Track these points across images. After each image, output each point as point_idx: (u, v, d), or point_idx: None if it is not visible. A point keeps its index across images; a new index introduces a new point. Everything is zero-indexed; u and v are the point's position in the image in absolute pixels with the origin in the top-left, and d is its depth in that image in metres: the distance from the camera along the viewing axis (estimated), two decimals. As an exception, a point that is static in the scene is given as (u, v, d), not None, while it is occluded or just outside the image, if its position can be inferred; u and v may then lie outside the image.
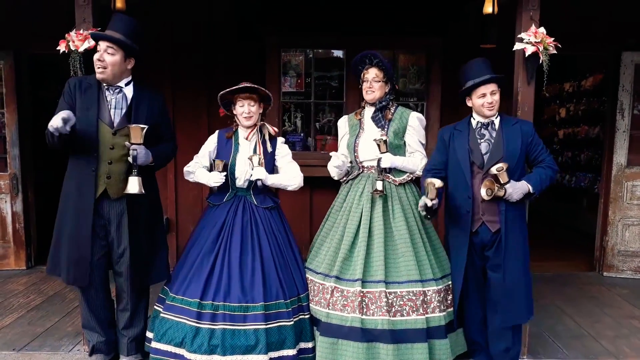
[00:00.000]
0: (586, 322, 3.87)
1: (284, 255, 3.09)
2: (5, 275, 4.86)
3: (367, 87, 3.15)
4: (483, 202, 2.88)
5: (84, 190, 2.87)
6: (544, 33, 2.99)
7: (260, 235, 3.06)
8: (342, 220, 3.14)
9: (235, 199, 3.13)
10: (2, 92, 4.87)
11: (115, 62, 2.85)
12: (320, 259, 3.15)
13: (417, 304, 2.90)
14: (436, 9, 4.76)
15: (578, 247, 5.94)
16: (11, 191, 4.95)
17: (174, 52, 4.85)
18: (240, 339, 2.81)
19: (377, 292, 2.90)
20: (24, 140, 4.97)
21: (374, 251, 2.99)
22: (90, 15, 3.09)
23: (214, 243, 3.02)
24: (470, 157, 2.93)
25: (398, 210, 3.08)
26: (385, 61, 3.15)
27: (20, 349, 3.35)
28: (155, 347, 2.91)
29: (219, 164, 3.08)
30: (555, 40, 3.00)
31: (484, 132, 2.96)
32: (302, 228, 4.79)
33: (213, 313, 2.84)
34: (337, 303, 2.94)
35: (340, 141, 3.39)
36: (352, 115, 3.34)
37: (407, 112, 3.22)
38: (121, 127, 2.87)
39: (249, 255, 3.00)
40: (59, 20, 3.33)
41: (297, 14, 4.73)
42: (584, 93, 7.32)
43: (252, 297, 2.88)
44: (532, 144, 2.94)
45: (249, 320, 2.84)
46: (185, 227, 4.90)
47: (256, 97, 3.12)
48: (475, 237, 2.95)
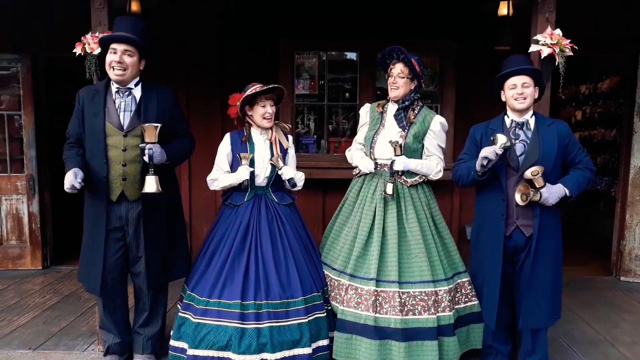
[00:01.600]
0: (603, 327, 3.82)
1: (307, 250, 3.15)
2: (21, 275, 4.92)
3: (392, 83, 3.11)
4: (518, 206, 2.81)
5: (96, 198, 2.91)
6: (560, 35, 2.96)
7: (287, 231, 3.09)
8: (356, 218, 3.14)
9: (256, 198, 3.13)
10: (19, 94, 4.94)
11: (134, 64, 2.88)
12: (335, 254, 3.18)
13: (428, 303, 2.93)
14: (450, 11, 4.73)
15: (594, 251, 5.86)
16: (28, 192, 5.01)
17: (188, 55, 4.88)
18: (287, 334, 2.86)
19: (391, 292, 2.92)
20: (41, 142, 5.03)
21: (388, 251, 3.00)
22: (106, 18, 3.11)
23: (242, 243, 3.02)
24: (506, 158, 2.85)
25: (411, 210, 3.07)
26: (413, 57, 3.08)
27: (36, 348, 3.39)
28: (194, 354, 2.84)
29: (246, 157, 3.05)
30: (572, 42, 2.97)
31: (518, 132, 2.87)
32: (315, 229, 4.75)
33: (257, 312, 2.86)
34: (351, 300, 2.97)
35: (359, 128, 3.36)
36: (375, 105, 3.28)
37: (431, 115, 3.16)
38: (131, 129, 2.88)
39: (281, 252, 3.03)
40: (75, 23, 3.37)
41: (311, 16, 4.73)
42: (600, 95, 7.22)
43: (292, 293, 2.93)
44: (568, 145, 2.86)
45: (292, 316, 2.90)
46: (199, 228, 4.92)
47: (274, 97, 3.14)
48: (508, 241, 2.87)
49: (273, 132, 3.17)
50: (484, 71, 4.79)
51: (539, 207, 2.78)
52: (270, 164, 3.10)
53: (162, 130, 2.84)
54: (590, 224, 6.99)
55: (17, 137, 5.00)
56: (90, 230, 2.97)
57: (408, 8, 4.73)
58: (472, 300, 3.11)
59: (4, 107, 4.99)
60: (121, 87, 2.91)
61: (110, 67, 2.84)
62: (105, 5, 3.13)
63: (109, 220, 2.90)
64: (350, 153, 3.35)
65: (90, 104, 2.90)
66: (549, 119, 2.94)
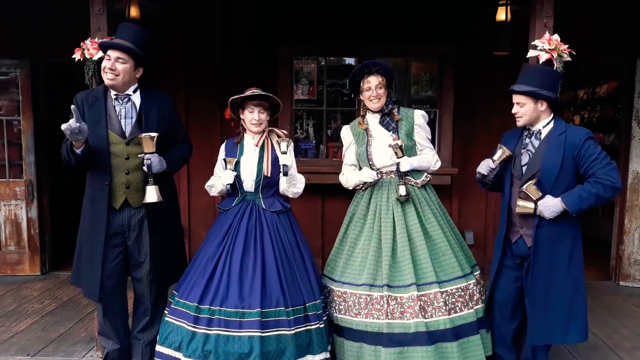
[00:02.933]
0: (603, 333, 3.81)
1: (290, 261, 3.00)
2: (20, 281, 4.91)
3: (373, 96, 3.11)
4: (519, 216, 2.83)
5: (97, 205, 2.90)
6: (558, 40, 2.97)
7: (264, 239, 2.99)
8: (375, 228, 3.08)
9: (244, 203, 3.09)
10: (18, 100, 4.94)
11: (126, 71, 2.85)
12: (356, 271, 3.06)
13: (466, 298, 2.98)
14: (449, 16, 4.75)
15: (593, 255, 5.80)
16: (26, 197, 5.00)
17: (187, 60, 4.90)
18: (234, 345, 2.75)
19: (432, 294, 2.91)
20: (40, 148, 5.03)
21: (419, 254, 2.99)
22: (105, 24, 3.13)
23: (217, 247, 3.00)
24: (511, 166, 2.88)
25: (427, 210, 3.10)
26: (386, 65, 3.16)
27: (34, 354, 3.38)
28: (159, 350, 2.93)
29: (231, 161, 3.06)
30: (570, 47, 2.98)
31: (527, 141, 2.86)
32: (314, 235, 4.79)
33: (209, 318, 2.81)
34: (394, 312, 2.89)
35: (346, 151, 3.34)
36: (355, 124, 3.30)
37: (410, 111, 3.24)
38: (133, 137, 2.88)
39: (251, 260, 2.93)
40: (74, 29, 3.38)
41: (309, 22, 4.75)
42: (598, 100, 7.24)
43: (250, 303, 2.81)
44: (579, 156, 2.70)
45: (245, 327, 2.76)
46: (198, 234, 4.92)
47: (267, 104, 3.10)
48: (515, 246, 2.92)
49: (262, 137, 3.13)
50: (483, 76, 4.84)
51: (538, 218, 2.76)
52: (257, 168, 3.05)
53: (162, 137, 2.85)
54: (589, 229, 6.98)
55: (16, 143, 5.00)
56: (88, 236, 2.95)
57: (406, 13, 4.75)
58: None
59: (3, 113, 4.98)
60: (120, 94, 2.91)
61: (104, 72, 2.85)
62: (104, 11, 3.14)
63: (109, 226, 2.89)
64: (345, 177, 3.31)
65: (91, 111, 2.88)
66: (562, 127, 2.79)
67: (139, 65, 2.92)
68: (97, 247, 2.89)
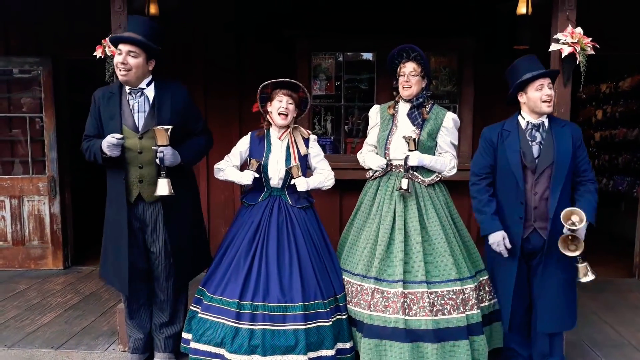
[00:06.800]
0: (627, 331, 3.75)
1: (320, 255, 3.09)
2: (43, 275, 5.00)
3: (404, 82, 3.08)
4: (535, 209, 2.79)
5: (117, 199, 2.93)
6: (581, 33, 2.92)
7: (296, 235, 3.06)
8: (375, 220, 3.10)
9: (270, 199, 3.13)
10: (40, 97, 5.02)
11: (139, 64, 2.84)
12: (356, 260, 3.12)
13: (457, 302, 2.90)
14: (468, 10, 4.69)
15: (616, 252, 5.76)
16: (49, 193, 5.09)
17: (206, 56, 4.91)
18: (280, 339, 2.83)
19: (419, 293, 2.89)
20: (62, 144, 5.11)
21: (413, 252, 2.97)
22: (125, 21, 3.13)
23: (250, 243, 3.03)
24: (523, 160, 2.82)
25: (431, 209, 3.05)
26: (422, 53, 3.08)
27: (58, 347, 3.44)
28: (195, 348, 2.94)
29: (254, 164, 3.09)
30: (593, 40, 2.92)
31: (535, 133, 2.83)
32: (332, 230, 4.74)
33: (252, 313, 2.86)
34: (378, 304, 2.93)
35: (370, 130, 3.32)
36: (385, 106, 3.26)
37: (443, 112, 3.16)
38: (146, 130, 2.88)
39: (286, 255, 3.00)
40: (95, 26, 3.41)
41: (327, 17, 4.73)
42: (621, 94, 7.11)
43: (291, 298, 2.90)
44: (579, 149, 2.82)
45: (289, 321, 2.85)
46: (217, 228, 4.96)
47: (296, 97, 3.13)
48: (525, 243, 2.85)
49: (291, 135, 3.16)
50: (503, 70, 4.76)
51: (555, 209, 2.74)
52: (284, 166, 3.10)
53: (177, 130, 2.85)
54: (611, 225, 6.87)
55: (38, 139, 5.08)
56: (111, 231, 2.99)
57: (425, 7, 4.69)
58: (494, 298, 3.09)
59: (26, 110, 5.07)
60: (133, 88, 2.91)
61: (117, 68, 2.84)
62: (124, 8, 3.16)
63: (130, 221, 2.93)
64: (362, 155, 3.31)
65: (107, 106, 2.91)
66: (562, 121, 2.90)
67: (150, 58, 2.91)
68: (122, 242, 2.92)
